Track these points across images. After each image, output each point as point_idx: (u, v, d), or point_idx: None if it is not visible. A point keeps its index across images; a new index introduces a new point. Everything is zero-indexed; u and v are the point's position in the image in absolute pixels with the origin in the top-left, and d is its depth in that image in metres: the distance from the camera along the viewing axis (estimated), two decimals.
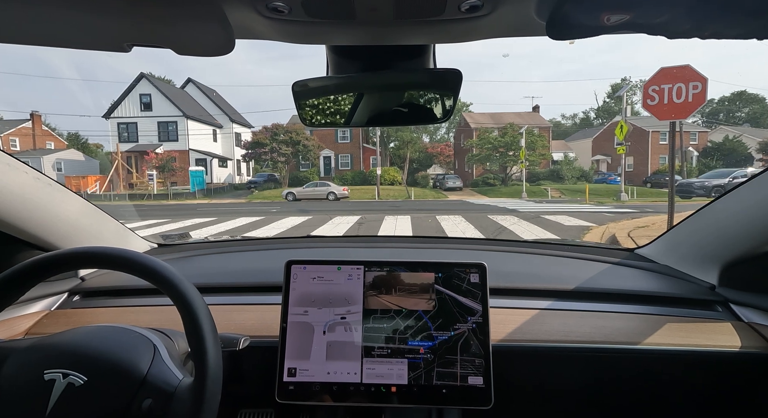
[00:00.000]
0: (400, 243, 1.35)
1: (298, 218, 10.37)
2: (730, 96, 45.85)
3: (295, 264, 0.77)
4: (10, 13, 0.39)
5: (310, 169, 27.63)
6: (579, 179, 26.28)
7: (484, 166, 25.88)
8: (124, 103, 27.98)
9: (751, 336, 0.79)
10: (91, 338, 0.56)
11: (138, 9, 0.38)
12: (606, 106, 47.95)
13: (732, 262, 0.86)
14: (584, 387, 0.83)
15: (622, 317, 0.85)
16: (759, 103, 44.32)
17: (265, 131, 25.23)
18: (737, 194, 0.82)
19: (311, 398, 0.70)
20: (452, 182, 24.78)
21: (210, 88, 34.21)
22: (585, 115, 53.37)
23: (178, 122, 27.79)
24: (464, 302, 0.73)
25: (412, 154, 30.88)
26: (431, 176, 28.37)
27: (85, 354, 0.53)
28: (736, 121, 38.42)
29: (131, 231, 1.18)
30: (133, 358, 0.54)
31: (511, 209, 12.32)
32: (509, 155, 23.57)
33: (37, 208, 0.83)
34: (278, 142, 24.29)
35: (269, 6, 0.39)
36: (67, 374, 0.50)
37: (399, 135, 28.67)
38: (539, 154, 23.61)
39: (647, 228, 6.51)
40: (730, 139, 27.65)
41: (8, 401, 0.50)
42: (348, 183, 25.53)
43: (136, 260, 0.54)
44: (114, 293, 0.98)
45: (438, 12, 0.42)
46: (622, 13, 0.38)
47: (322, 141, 28.08)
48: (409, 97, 0.68)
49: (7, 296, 0.55)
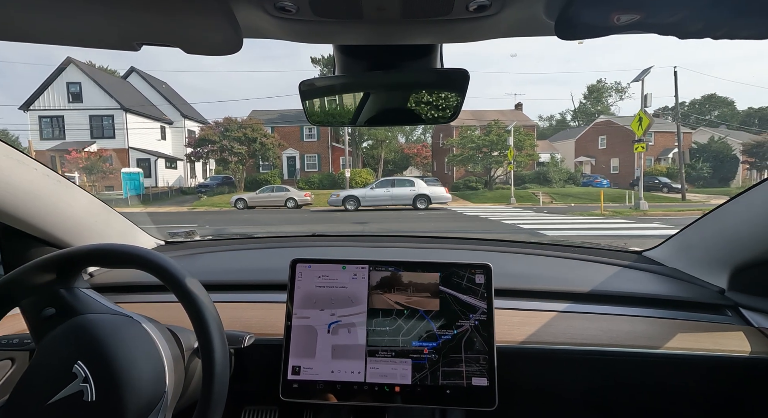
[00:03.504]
0: (405, 242, 1.33)
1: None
2: (700, 99, 46.28)
3: (300, 263, 0.76)
4: (21, 12, 0.40)
5: (271, 170, 24.29)
6: (567, 182, 24.37)
7: (467, 167, 23.47)
8: (48, 93, 23.63)
9: (761, 341, 0.77)
10: (128, 348, 0.54)
11: (148, 8, 0.39)
12: (583, 107, 47.29)
13: (742, 266, 0.84)
14: (589, 391, 0.82)
15: (629, 320, 0.83)
16: (728, 106, 44.93)
17: (215, 126, 21.69)
18: (748, 197, 0.80)
19: (315, 396, 0.70)
20: None
21: (158, 80, 30.26)
22: (562, 117, 52.83)
23: (114, 116, 23.79)
24: (465, 299, 0.73)
25: (387, 155, 28.34)
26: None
27: (111, 370, 0.52)
28: (707, 124, 38.49)
29: (138, 228, 1.18)
30: (142, 400, 0.52)
31: (525, 228, 9.16)
32: (494, 156, 21.27)
33: (47, 204, 0.83)
34: (230, 138, 20.85)
35: (277, 5, 0.40)
36: (87, 379, 0.51)
37: (373, 133, 25.91)
38: (527, 154, 21.42)
39: None
40: (715, 140, 26.70)
41: (44, 355, 0.53)
42: (315, 187, 22.49)
43: (144, 255, 0.55)
44: (122, 290, 0.97)
45: (446, 11, 0.42)
46: (633, 12, 0.36)
47: (284, 139, 24.84)
48: (416, 97, 0.67)
49: (19, 292, 0.56)
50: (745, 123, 38.88)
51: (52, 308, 0.57)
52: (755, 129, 34.26)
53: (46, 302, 0.57)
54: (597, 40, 0.42)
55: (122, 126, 23.66)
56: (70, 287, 0.59)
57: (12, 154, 0.75)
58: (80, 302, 0.58)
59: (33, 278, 0.56)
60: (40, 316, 0.57)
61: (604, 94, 46.12)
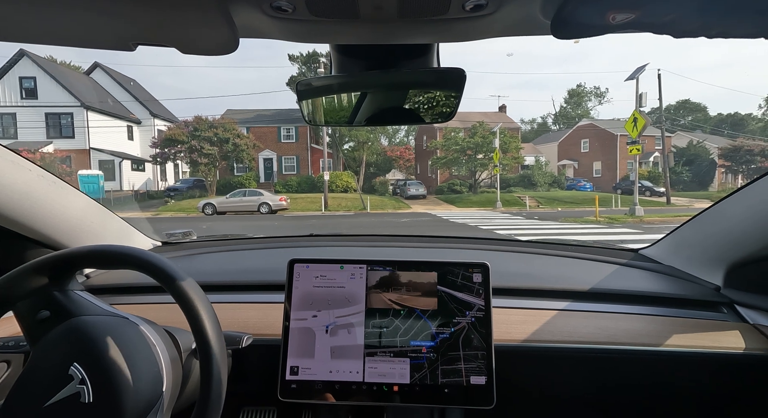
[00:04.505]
0: (402, 242, 1.31)
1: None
2: (675, 104, 47.49)
3: (298, 263, 0.76)
4: (17, 13, 0.40)
5: (246, 173, 22.98)
6: (551, 185, 24.04)
7: (451, 170, 22.81)
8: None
9: (757, 338, 0.78)
10: (125, 349, 0.54)
11: (144, 8, 0.39)
12: (564, 111, 47.76)
13: (737, 263, 0.85)
14: (587, 388, 0.83)
15: (626, 318, 0.84)
16: (701, 111, 46.26)
17: (184, 126, 20.22)
18: (743, 195, 0.81)
19: (313, 396, 0.70)
20: (415, 189, 21.69)
21: (126, 77, 28.42)
22: (543, 120, 53.27)
23: (74, 114, 21.96)
24: (461, 297, 0.73)
25: (369, 157, 27.44)
26: (390, 182, 25.14)
27: (107, 371, 0.52)
28: (682, 128, 39.45)
29: (135, 229, 1.17)
30: (140, 401, 0.52)
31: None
32: (479, 158, 20.67)
33: (43, 205, 0.83)
34: (200, 139, 19.46)
35: (273, 5, 0.40)
36: (84, 381, 0.51)
37: (354, 135, 24.94)
38: (512, 157, 20.91)
39: None
40: (694, 144, 27.04)
41: (34, 368, 0.52)
42: (293, 190, 21.37)
43: (141, 257, 0.55)
44: (119, 291, 0.97)
45: (442, 11, 0.42)
46: (629, 11, 0.37)
47: (261, 140, 23.58)
48: (413, 96, 0.68)
49: (14, 295, 0.56)
50: (717, 127, 39.98)
51: (47, 310, 0.57)
52: (727, 131, 35.18)
53: (40, 305, 0.57)
54: (590, 40, 0.41)
55: (83, 125, 21.86)
56: (64, 290, 0.58)
57: (6, 156, 0.74)
58: (75, 304, 0.58)
59: (27, 280, 0.55)
60: (35, 319, 0.56)
61: (584, 98, 46.78)
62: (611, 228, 8.61)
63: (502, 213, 14.72)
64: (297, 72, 27.15)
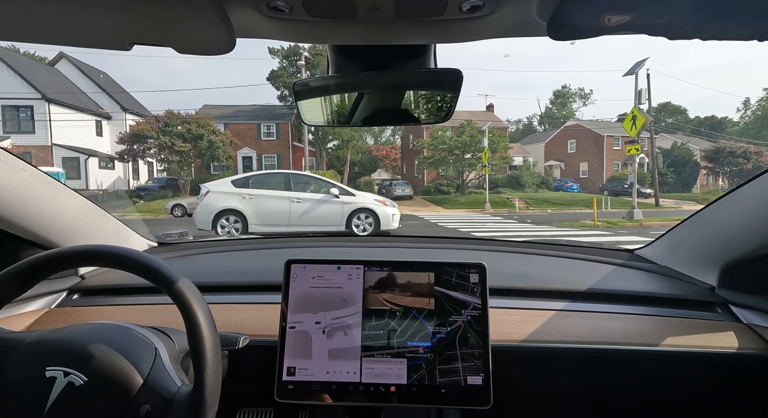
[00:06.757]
0: (400, 242, 1.33)
1: None
2: (656, 107, 48.26)
3: (294, 263, 0.76)
4: (12, 12, 0.40)
5: (224, 172, 21.69)
6: (539, 186, 23.63)
7: (438, 170, 22.13)
8: None
9: (750, 337, 0.79)
10: (94, 337, 0.55)
11: (140, 8, 0.39)
12: (549, 112, 47.90)
13: (732, 263, 0.85)
14: (583, 388, 0.83)
15: (622, 318, 0.84)
16: (681, 114, 47.10)
17: (154, 121, 18.86)
18: (737, 195, 0.81)
19: (310, 397, 0.70)
20: (401, 190, 20.85)
21: (96, 69, 26.68)
22: (528, 121, 53.39)
23: (35, 107, 20.31)
24: (456, 296, 0.73)
25: (354, 156, 26.55)
26: (376, 182, 24.29)
27: (88, 354, 0.53)
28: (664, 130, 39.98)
29: (130, 229, 1.17)
30: (135, 361, 0.53)
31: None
32: (467, 158, 20.04)
33: (37, 206, 0.82)
34: (171, 135, 18.16)
35: (270, 5, 0.40)
36: (68, 373, 0.51)
37: (338, 133, 24.00)
38: (500, 157, 20.36)
39: None
40: (678, 145, 27.15)
41: (9, 395, 0.51)
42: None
43: (136, 258, 0.54)
44: (114, 292, 0.97)
45: (439, 12, 0.42)
46: (624, 13, 0.37)
47: (239, 137, 22.39)
48: (410, 97, 0.68)
49: (7, 293, 0.56)
50: (697, 129, 40.69)
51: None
52: (706, 132, 35.68)
53: None
54: (579, 43, 0.42)
55: (45, 118, 20.24)
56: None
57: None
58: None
59: (20, 278, 0.55)
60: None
61: (569, 100, 47.01)
62: (617, 235, 7.98)
63: (493, 216, 14.08)
64: (278, 65, 25.98)
